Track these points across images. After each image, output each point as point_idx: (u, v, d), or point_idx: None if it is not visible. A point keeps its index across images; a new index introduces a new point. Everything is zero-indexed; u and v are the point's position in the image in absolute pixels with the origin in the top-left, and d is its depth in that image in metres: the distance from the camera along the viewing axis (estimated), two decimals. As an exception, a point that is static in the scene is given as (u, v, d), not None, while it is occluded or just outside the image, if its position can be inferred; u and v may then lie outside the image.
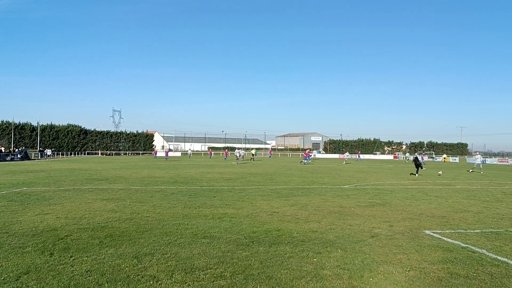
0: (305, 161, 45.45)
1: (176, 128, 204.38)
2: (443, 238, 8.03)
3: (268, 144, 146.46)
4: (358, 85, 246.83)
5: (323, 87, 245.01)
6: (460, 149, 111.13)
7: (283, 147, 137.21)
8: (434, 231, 8.72)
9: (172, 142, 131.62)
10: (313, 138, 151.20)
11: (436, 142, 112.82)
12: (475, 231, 8.81)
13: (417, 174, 27.79)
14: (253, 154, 58.40)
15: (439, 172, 30.32)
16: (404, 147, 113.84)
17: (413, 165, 30.30)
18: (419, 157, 31.71)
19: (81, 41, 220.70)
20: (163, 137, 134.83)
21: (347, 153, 62.26)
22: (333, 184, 19.85)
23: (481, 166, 35.31)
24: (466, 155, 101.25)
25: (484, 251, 7.03)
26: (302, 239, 7.71)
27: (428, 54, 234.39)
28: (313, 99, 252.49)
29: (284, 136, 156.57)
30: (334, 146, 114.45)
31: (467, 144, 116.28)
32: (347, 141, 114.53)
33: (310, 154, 48.03)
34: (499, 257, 6.64)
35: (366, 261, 6.28)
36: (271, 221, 9.50)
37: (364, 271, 5.82)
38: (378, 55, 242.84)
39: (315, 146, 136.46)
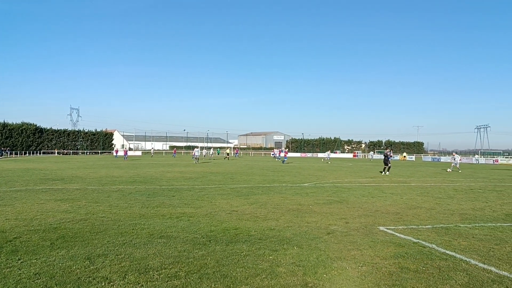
0: (285, 159, 45.85)
1: (136, 127, 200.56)
2: (396, 234, 8.27)
3: (231, 143, 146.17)
4: (319, 84, 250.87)
5: (285, 86, 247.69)
6: (416, 147, 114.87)
7: (245, 146, 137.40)
8: (388, 227, 8.98)
9: (133, 141, 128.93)
10: (275, 137, 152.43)
11: (394, 141, 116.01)
12: (426, 226, 9.14)
13: (383, 172, 28.23)
14: (227, 154, 62.10)
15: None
16: (363, 145, 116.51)
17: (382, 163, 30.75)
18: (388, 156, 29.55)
19: (36, 36, 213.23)
20: (123, 136, 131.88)
21: (328, 152, 61.74)
22: (293, 182, 20.07)
23: (458, 165, 36.14)
24: (422, 153, 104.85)
25: (433, 245, 7.29)
26: (259, 237, 7.73)
27: (384, 55, 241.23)
28: (275, 98, 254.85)
29: (247, 135, 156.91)
30: (296, 145, 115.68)
31: (423, 143, 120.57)
32: (308, 140, 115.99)
33: (281, 153, 48.25)
34: (447, 251, 6.91)
35: (321, 258, 6.38)
36: (230, 220, 9.49)
37: (318, 267, 5.91)
38: (337, 55, 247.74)
39: (278, 145, 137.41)
